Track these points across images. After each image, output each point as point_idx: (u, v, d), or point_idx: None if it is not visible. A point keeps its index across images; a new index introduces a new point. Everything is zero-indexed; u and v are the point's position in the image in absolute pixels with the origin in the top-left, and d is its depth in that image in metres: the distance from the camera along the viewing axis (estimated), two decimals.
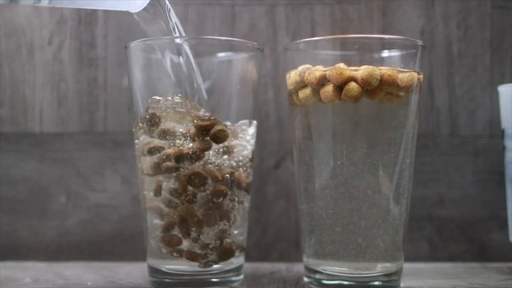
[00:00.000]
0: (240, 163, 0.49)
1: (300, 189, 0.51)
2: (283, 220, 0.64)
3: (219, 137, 0.47)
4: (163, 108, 0.47)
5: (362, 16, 0.64)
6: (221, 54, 0.49)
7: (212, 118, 0.47)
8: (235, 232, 0.49)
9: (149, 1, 0.46)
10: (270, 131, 0.64)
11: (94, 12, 0.64)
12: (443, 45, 0.64)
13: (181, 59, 0.48)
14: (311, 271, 0.50)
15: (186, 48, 0.48)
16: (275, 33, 0.64)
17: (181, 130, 0.47)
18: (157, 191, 0.47)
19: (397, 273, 0.50)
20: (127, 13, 0.64)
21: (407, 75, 0.47)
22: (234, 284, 0.50)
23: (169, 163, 0.46)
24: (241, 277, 0.52)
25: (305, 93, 0.48)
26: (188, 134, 0.46)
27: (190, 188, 0.46)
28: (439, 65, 0.64)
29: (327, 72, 0.47)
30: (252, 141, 0.51)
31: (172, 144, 0.47)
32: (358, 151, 0.47)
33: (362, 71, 0.46)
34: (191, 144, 0.46)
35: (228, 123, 0.48)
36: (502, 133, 0.58)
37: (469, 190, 0.64)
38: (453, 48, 0.64)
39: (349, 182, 0.47)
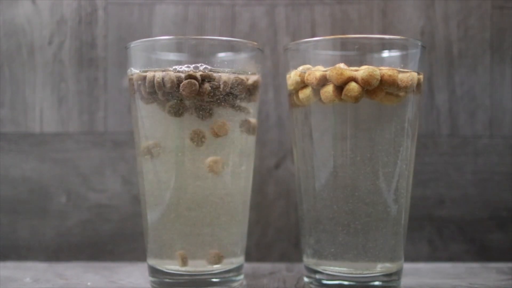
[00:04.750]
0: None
1: (300, 189, 0.51)
2: (283, 220, 0.64)
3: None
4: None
5: (362, 16, 0.64)
6: (221, 54, 0.49)
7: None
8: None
9: None
10: (270, 131, 0.64)
11: (94, 12, 0.64)
12: (443, 45, 0.64)
13: None
14: (311, 271, 0.50)
15: None
16: (275, 33, 0.64)
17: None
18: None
19: (397, 273, 0.50)
20: (127, 13, 0.64)
21: (407, 75, 0.47)
22: (234, 284, 0.50)
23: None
24: (241, 277, 0.52)
25: (305, 93, 0.48)
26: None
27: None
28: (439, 65, 0.64)
29: (327, 72, 0.47)
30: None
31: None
32: (358, 151, 0.47)
33: (362, 71, 0.46)
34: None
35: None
36: None
37: (469, 190, 0.64)
38: (453, 48, 0.64)
39: (349, 182, 0.47)
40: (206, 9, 0.64)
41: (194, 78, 0.47)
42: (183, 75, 0.47)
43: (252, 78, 0.49)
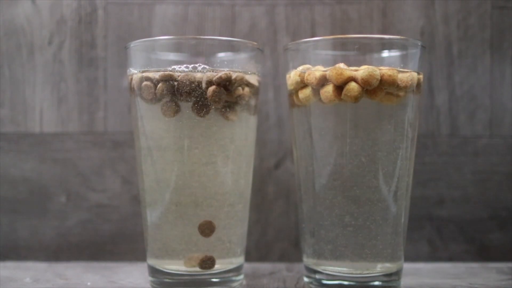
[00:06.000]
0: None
1: (300, 189, 0.51)
2: (283, 220, 0.64)
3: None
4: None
5: (362, 16, 0.64)
6: (221, 54, 0.49)
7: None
8: None
9: None
10: (270, 131, 0.64)
11: (94, 12, 0.64)
12: (443, 45, 0.64)
13: None
14: (311, 271, 0.51)
15: None
16: (275, 33, 0.64)
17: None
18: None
19: (397, 273, 0.50)
20: (127, 13, 0.64)
21: (407, 75, 0.47)
22: (234, 284, 0.50)
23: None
24: (241, 277, 0.52)
25: (305, 93, 0.48)
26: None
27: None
28: (439, 65, 0.64)
29: (327, 72, 0.47)
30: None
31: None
32: (358, 151, 0.47)
33: (362, 71, 0.46)
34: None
35: None
36: None
37: (469, 190, 0.64)
38: (453, 48, 0.64)
39: (349, 182, 0.47)
40: (206, 9, 0.64)
41: (149, 79, 0.47)
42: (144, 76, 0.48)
43: (218, 75, 0.47)
